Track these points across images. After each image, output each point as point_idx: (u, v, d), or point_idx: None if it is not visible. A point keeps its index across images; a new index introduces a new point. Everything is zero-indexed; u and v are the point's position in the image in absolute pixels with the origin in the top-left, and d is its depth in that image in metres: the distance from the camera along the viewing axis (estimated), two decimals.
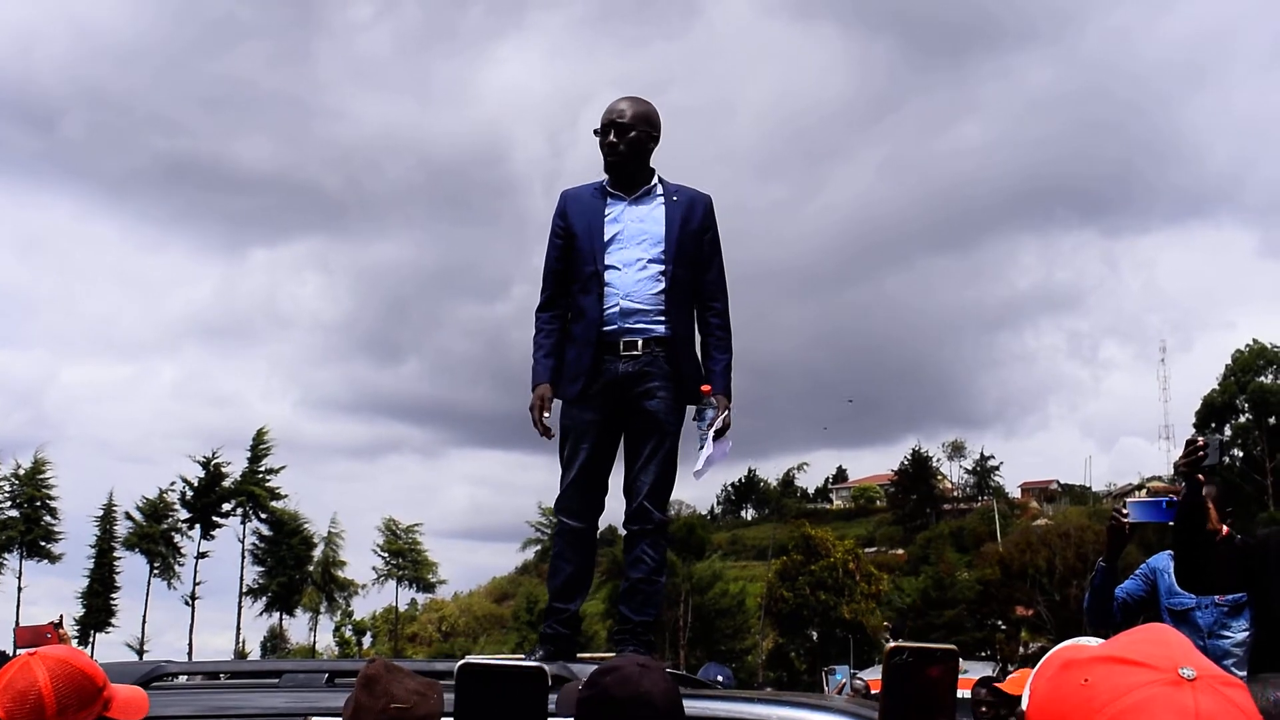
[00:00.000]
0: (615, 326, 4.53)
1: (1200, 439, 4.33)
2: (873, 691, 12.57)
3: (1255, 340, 68.01)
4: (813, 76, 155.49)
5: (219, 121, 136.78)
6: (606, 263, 4.57)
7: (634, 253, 4.57)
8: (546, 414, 4.52)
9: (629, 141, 4.63)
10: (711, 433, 4.49)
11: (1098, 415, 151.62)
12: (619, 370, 4.52)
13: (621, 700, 2.32)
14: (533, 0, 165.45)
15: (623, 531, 4.60)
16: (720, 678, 8.32)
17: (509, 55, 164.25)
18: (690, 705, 3.12)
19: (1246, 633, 5.05)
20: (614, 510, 4.75)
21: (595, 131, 4.70)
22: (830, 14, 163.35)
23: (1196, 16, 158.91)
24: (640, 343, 4.52)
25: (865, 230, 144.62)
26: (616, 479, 4.66)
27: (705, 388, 4.51)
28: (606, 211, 4.65)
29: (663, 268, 4.56)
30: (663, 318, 4.54)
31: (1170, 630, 1.48)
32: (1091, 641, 1.70)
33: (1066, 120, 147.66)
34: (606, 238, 4.60)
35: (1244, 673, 4.74)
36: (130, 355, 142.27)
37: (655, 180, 4.71)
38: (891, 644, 1.81)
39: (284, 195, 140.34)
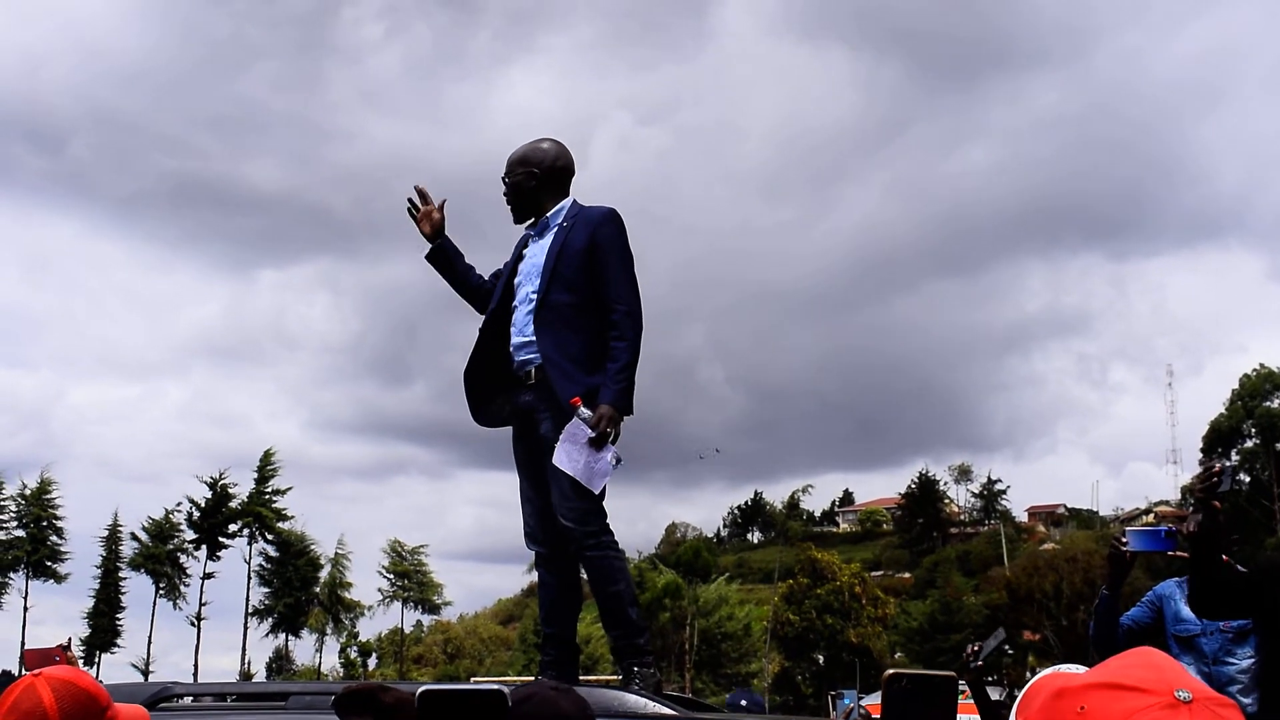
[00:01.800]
0: (515, 361, 4.85)
1: (1216, 465, 4.33)
2: (874, 717, 12.52)
3: (1262, 365, 67.83)
4: (821, 98, 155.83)
5: (227, 142, 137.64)
6: (514, 303, 4.92)
7: (525, 288, 4.87)
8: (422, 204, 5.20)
9: (509, 188, 5.02)
10: (572, 444, 4.53)
11: (1106, 439, 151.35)
12: (522, 401, 4.83)
13: None
14: (542, 23, 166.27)
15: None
16: (746, 702, 8.36)
17: (519, 77, 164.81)
18: None
19: (1251, 659, 5.04)
20: (622, 534, 4.78)
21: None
22: (838, 36, 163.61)
23: (1206, 37, 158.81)
24: (533, 371, 4.78)
25: (872, 252, 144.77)
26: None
27: (574, 400, 4.58)
28: (523, 252, 5.01)
29: (537, 297, 4.79)
30: (534, 346, 4.76)
31: (1159, 653, 1.47)
32: (1074, 668, 1.69)
33: (1074, 142, 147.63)
34: (517, 278, 4.96)
35: (1249, 699, 4.75)
36: (137, 375, 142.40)
37: (558, 209, 4.96)
38: (890, 671, 1.82)
39: (293, 216, 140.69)
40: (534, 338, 4.74)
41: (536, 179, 4.95)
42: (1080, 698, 1.38)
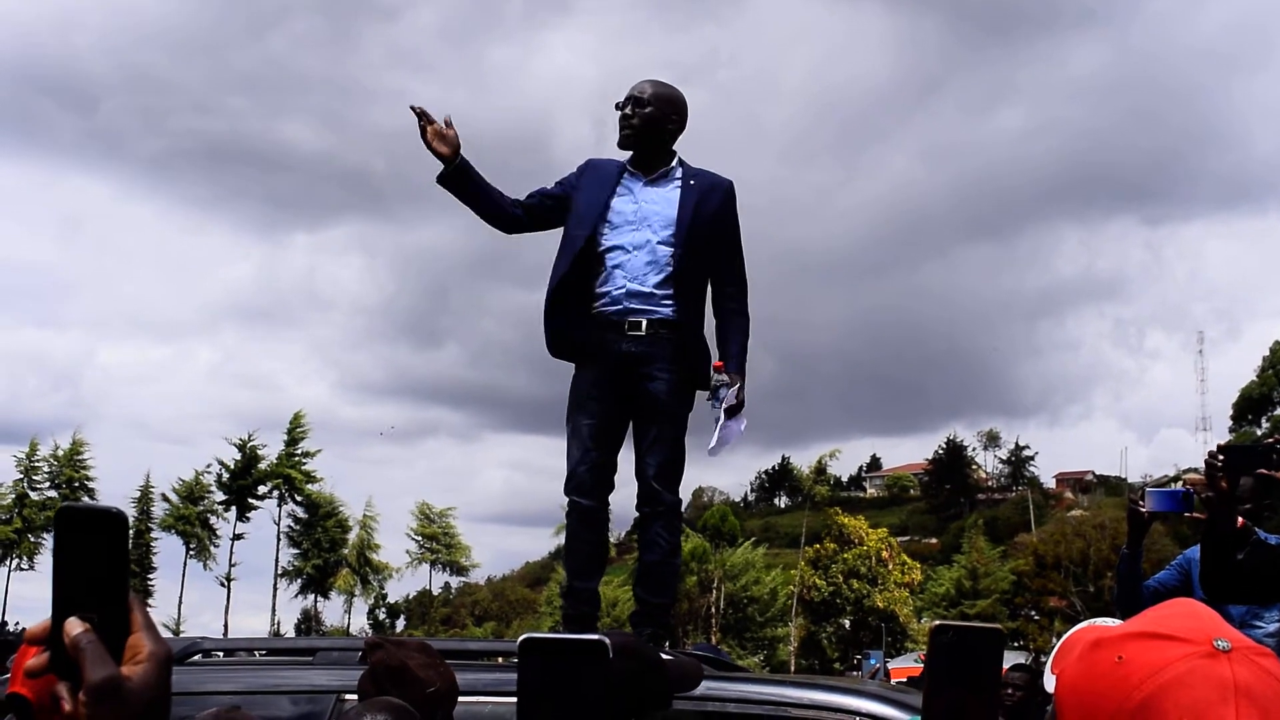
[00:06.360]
0: (621, 306, 4.54)
1: (1221, 456, 4.23)
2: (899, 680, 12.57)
3: None
4: (856, 59, 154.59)
5: (262, 103, 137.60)
6: (616, 242, 4.59)
7: (644, 234, 4.58)
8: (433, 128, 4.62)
9: (643, 117, 4.68)
10: (724, 410, 4.49)
11: (1139, 406, 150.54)
12: (623, 349, 4.52)
13: None
14: None
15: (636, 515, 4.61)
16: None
17: (555, 39, 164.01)
18: (726, 688, 3.15)
19: (1279, 623, 5.03)
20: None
21: (616, 106, 4.74)
22: None
23: (1244, 1, 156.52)
24: (645, 323, 4.52)
25: (904, 215, 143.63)
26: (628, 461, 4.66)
27: (718, 363, 4.52)
28: (619, 188, 4.68)
29: (672, 251, 4.56)
30: (670, 301, 4.54)
31: (1198, 603, 1.44)
32: (1108, 622, 1.67)
33: (1109, 105, 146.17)
34: (616, 215, 4.63)
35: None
36: (168, 337, 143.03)
37: (675, 163, 4.72)
38: (936, 623, 1.80)
39: (326, 178, 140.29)
40: (662, 291, 4.53)
41: (678, 128, 4.77)
42: (1118, 647, 1.36)
